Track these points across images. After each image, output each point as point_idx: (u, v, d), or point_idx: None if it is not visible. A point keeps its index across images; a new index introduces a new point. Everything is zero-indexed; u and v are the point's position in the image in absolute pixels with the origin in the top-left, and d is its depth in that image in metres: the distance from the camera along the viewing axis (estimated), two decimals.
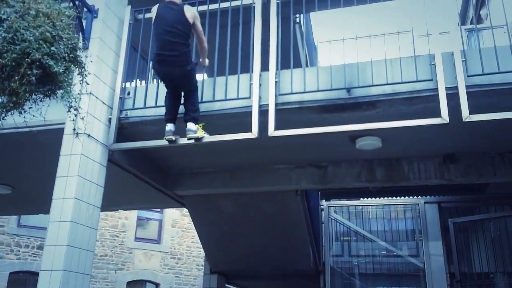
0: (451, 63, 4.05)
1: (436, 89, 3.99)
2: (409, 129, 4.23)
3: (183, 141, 4.45)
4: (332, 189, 7.96)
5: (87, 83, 4.02)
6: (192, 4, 4.93)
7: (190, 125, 4.34)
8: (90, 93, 4.43)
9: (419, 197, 9.03)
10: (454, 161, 5.58)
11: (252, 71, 4.47)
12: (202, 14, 4.89)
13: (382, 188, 8.17)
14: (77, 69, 3.79)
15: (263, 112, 4.32)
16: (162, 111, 4.52)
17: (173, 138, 4.41)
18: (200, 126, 4.39)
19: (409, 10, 4.49)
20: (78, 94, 4.03)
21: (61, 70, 3.45)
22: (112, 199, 6.34)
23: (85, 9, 4.74)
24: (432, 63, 4.09)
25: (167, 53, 4.22)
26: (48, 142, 4.67)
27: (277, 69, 4.43)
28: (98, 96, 4.57)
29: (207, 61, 4.66)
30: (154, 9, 4.45)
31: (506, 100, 4.01)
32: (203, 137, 4.37)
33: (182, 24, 4.26)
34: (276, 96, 4.34)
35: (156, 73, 4.44)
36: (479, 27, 7.25)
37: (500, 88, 3.92)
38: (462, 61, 3.99)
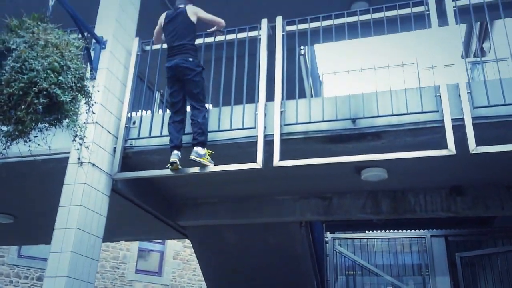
0: (456, 94, 4.05)
1: (442, 121, 3.98)
2: (415, 161, 4.19)
3: (186, 170, 4.42)
4: (337, 221, 7.87)
5: (93, 113, 4.05)
6: (199, 37, 5.04)
7: (197, 149, 4.29)
8: (96, 122, 4.44)
9: (426, 230, 8.90)
10: (461, 194, 5.51)
11: (258, 101, 4.48)
12: (208, 46, 4.98)
13: (387, 220, 8.08)
14: (84, 98, 3.81)
15: (268, 142, 4.31)
16: (167, 140, 4.51)
17: (177, 161, 4.31)
18: (208, 153, 4.35)
19: (413, 43, 4.54)
20: (84, 123, 4.05)
21: (68, 99, 3.47)
22: (114, 230, 6.26)
23: (93, 40, 4.82)
24: (438, 94, 4.09)
25: (175, 43, 4.61)
26: (52, 171, 4.66)
27: (282, 99, 4.45)
28: (104, 125, 4.58)
29: (223, 24, 4.84)
30: (162, 16, 4.88)
31: None
32: (206, 165, 4.31)
33: (187, 29, 4.67)
34: (281, 126, 4.34)
35: (166, 73, 4.61)
36: (483, 59, 7.31)
37: (507, 120, 3.90)
38: (468, 93, 4.00)
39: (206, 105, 4.65)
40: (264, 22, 4.84)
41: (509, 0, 4.33)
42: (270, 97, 4.50)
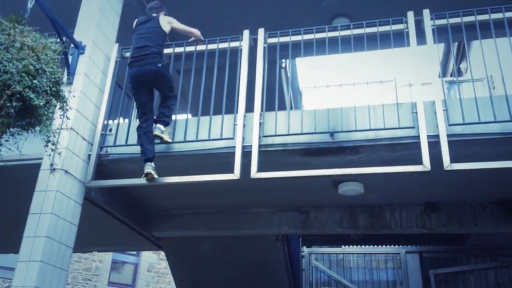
0: (432, 112, 4.11)
1: (418, 137, 4.03)
2: (391, 176, 4.22)
3: (161, 179, 4.37)
4: (313, 235, 7.86)
5: (68, 118, 3.96)
6: (179, 45, 5.01)
7: (160, 126, 4.45)
8: (71, 128, 4.35)
9: (401, 246, 8.95)
10: (435, 210, 5.57)
11: (237, 112, 4.47)
12: (189, 55, 4.96)
13: (364, 235, 8.10)
14: (59, 103, 3.73)
15: (246, 154, 4.29)
16: None
17: (151, 171, 4.28)
18: (167, 129, 4.52)
19: (392, 60, 4.61)
20: (58, 128, 3.96)
21: (41, 104, 3.39)
22: (86, 240, 6.10)
23: (72, 45, 4.75)
24: (414, 111, 4.14)
25: (138, 53, 4.51)
26: (24, 178, 4.52)
27: (261, 110, 4.44)
28: (79, 132, 4.49)
29: (198, 34, 4.88)
30: (135, 21, 4.82)
31: (487, 150, 4.06)
32: (167, 141, 4.48)
33: (155, 33, 4.62)
34: (260, 137, 4.33)
35: (131, 81, 4.56)
36: (459, 79, 7.47)
37: (481, 138, 3.97)
38: (443, 110, 4.06)
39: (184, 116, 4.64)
40: (246, 33, 4.85)
41: (486, 21, 4.43)
42: (250, 108, 4.49)
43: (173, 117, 4.68)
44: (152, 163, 4.36)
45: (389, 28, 4.59)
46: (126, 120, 5.06)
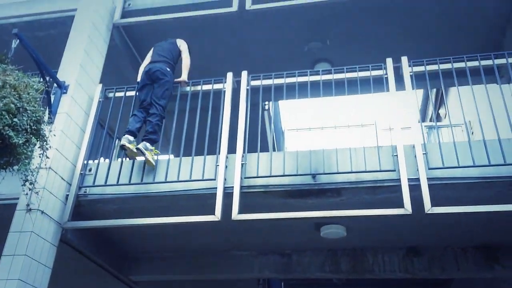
0: (412, 155, 4.16)
1: (399, 180, 4.06)
2: (373, 219, 4.22)
3: (141, 220, 4.30)
4: (295, 279, 7.71)
5: (47, 157, 3.91)
6: None
7: (146, 143, 4.58)
8: (50, 167, 4.28)
9: None
10: (418, 255, 5.54)
11: (219, 153, 4.46)
12: (173, 98, 5.00)
13: (347, 280, 7.97)
14: (39, 142, 3.69)
15: (228, 195, 4.25)
16: (124, 189, 4.40)
17: (126, 144, 4.50)
18: (155, 151, 4.60)
19: (372, 104, 4.70)
20: (36, 168, 3.89)
21: (20, 142, 3.35)
22: (61, 283, 5.88)
23: (55, 84, 4.75)
24: (395, 154, 4.19)
25: (159, 54, 5.15)
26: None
27: (244, 152, 4.44)
28: (58, 171, 4.41)
29: (185, 77, 5.09)
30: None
31: (467, 194, 4.10)
32: (148, 160, 4.50)
33: (172, 47, 5.24)
34: (241, 178, 4.30)
35: (142, 77, 5.03)
36: (438, 124, 7.64)
37: (461, 182, 4.02)
38: (423, 154, 4.11)
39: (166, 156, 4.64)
40: (230, 76, 4.93)
41: (462, 69, 4.58)
42: (232, 149, 4.49)
43: (159, 135, 4.75)
44: (131, 137, 4.57)
45: (369, 74, 4.71)
46: (107, 160, 5.00)
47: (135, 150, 4.52)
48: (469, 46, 5.89)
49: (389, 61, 4.70)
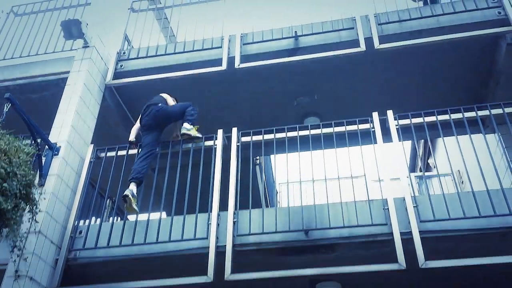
0: (403, 207, 4.17)
1: (391, 234, 4.04)
2: (369, 274, 4.14)
3: (130, 284, 4.19)
4: None
5: (36, 221, 3.87)
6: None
7: (185, 125, 4.92)
8: (39, 231, 4.20)
9: None
10: None
11: (211, 211, 4.44)
12: (164, 155, 5.04)
13: None
14: (28, 206, 3.67)
15: (220, 254, 4.19)
16: (115, 251, 4.33)
17: (128, 194, 4.50)
18: (195, 128, 4.93)
19: (362, 156, 4.75)
20: (25, 232, 3.85)
21: (9, 207, 3.33)
22: None
23: (46, 146, 4.77)
24: (386, 207, 4.20)
25: (151, 102, 5.28)
26: None
27: (235, 209, 4.43)
28: (47, 235, 4.34)
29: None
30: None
31: (462, 245, 4.08)
32: (197, 136, 4.90)
33: (161, 99, 5.36)
34: (234, 236, 4.26)
35: (147, 123, 5.12)
36: (427, 174, 7.69)
37: (453, 235, 4.00)
38: (414, 206, 4.12)
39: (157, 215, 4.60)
40: (220, 133, 5.00)
41: (447, 121, 4.68)
42: (223, 206, 4.47)
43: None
44: (135, 188, 4.59)
45: (356, 128, 4.80)
46: (98, 221, 4.95)
47: (135, 207, 4.53)
48: (453, 97, 6.05)
49: (375, 115, 4.82)
